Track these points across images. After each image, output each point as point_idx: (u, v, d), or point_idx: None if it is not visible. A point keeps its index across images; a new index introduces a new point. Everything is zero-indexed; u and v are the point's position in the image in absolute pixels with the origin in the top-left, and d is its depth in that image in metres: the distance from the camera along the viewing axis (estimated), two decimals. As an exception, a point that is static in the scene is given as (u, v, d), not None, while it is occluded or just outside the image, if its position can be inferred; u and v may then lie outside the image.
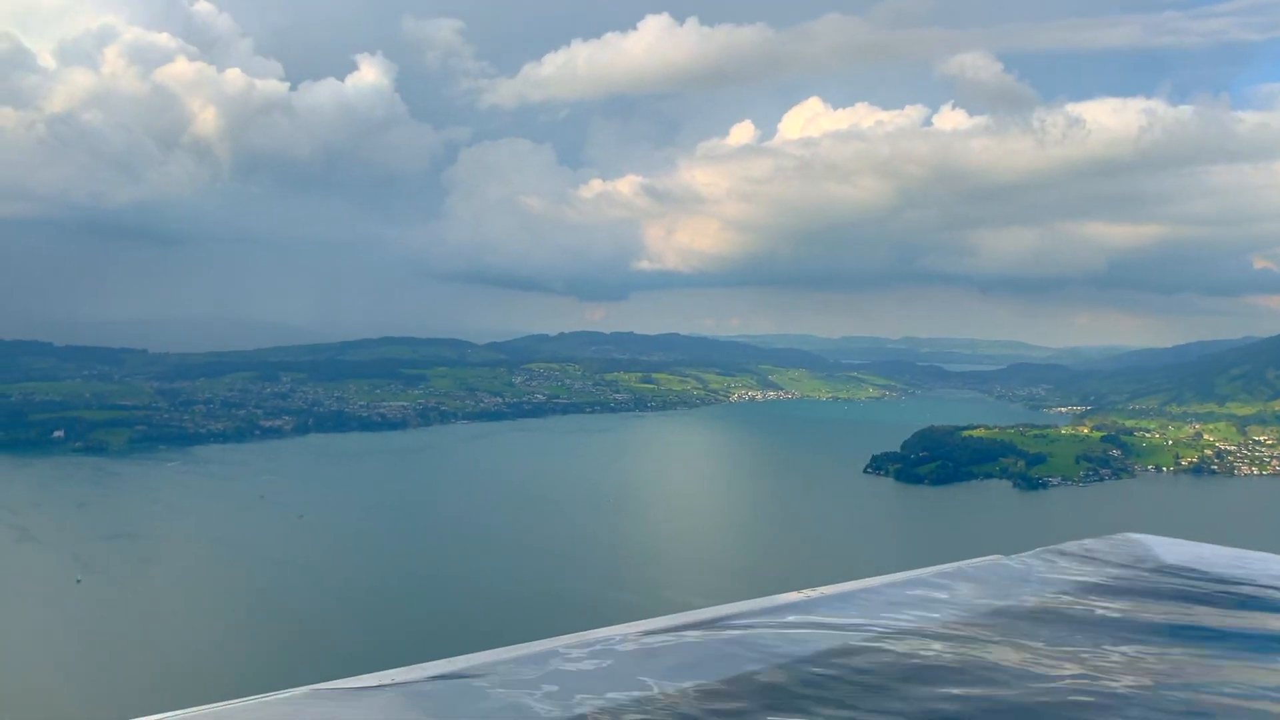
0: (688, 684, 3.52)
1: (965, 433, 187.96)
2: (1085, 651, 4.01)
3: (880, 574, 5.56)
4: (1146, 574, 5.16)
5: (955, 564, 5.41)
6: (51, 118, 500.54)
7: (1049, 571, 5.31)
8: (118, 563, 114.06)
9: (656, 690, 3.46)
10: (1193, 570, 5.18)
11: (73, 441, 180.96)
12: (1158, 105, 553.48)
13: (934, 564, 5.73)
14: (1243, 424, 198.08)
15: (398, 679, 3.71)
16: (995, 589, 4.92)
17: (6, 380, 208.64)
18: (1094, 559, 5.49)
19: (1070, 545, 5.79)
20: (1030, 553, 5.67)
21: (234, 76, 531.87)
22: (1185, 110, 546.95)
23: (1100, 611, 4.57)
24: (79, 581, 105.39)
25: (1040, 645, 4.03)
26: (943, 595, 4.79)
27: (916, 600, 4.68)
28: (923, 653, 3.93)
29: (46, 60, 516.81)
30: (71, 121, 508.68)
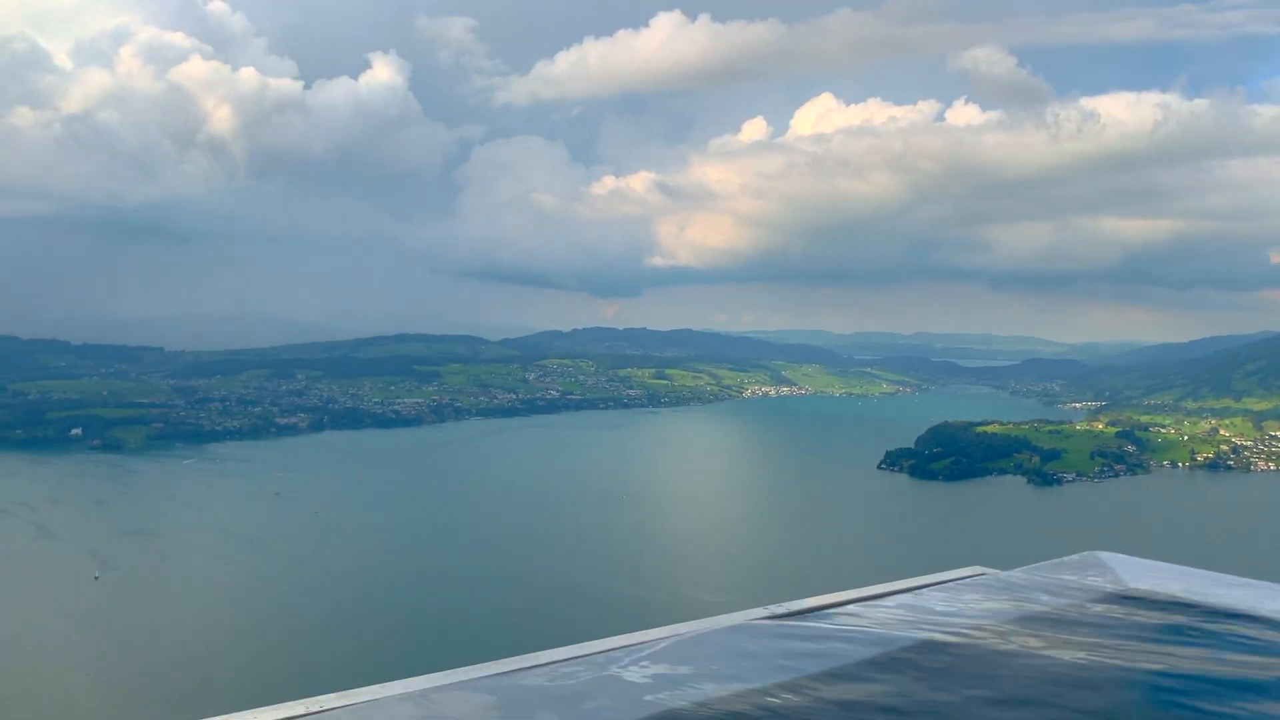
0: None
1: (979, 428, 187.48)
2: (1033, 663, 4.13)
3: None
4: (1105, 594, 5.29)
5: (919, 579, 5.63)
6: (68, 117, 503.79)
7: (1013, 588, 5.41)
8: (135, 559, 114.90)
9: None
10: (1151, 592, 5.30)
11: (90, 439, 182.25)
12: (1173, 99, 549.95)
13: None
14: (1259, 419, 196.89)
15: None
16: (955, 606, 5.05)
17: (25, 378, 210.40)
18: (1057, 578, 5.59)
19: (1040, 565, 5.87)
20: (1001, 571, 5.81)
21: (248, 75, 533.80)
22: (1201, 104, 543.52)
23: (1050, 630, 4.70)
24: (97, 578, 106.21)
25: (991, 659, 4.13)
26: (902, 610, 4.95)
27: (877, 615, 4.82)
28: (865, 661, 4.07)
29: (63, 60, 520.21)
30: (88, 121, 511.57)
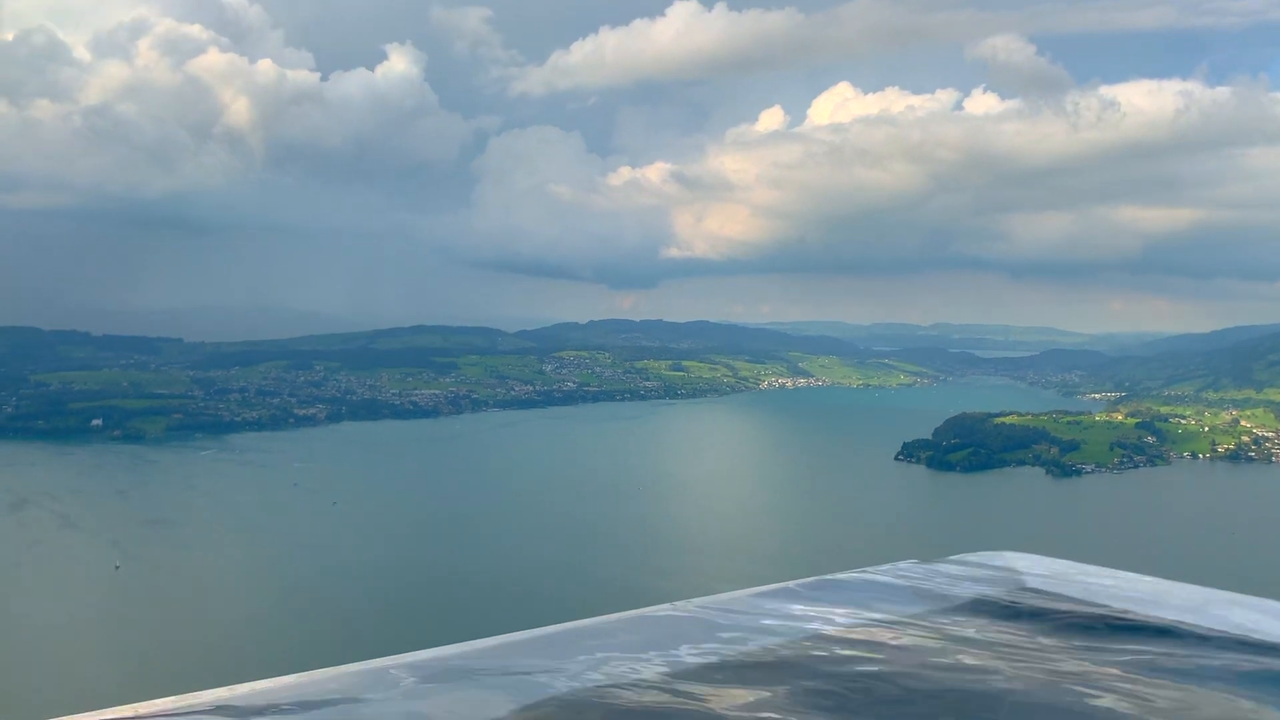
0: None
1: (998, 419, 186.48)
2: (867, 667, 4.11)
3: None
4: (995, 593, 5.23)
5: (846, 573, 5.57)
6: (87, 110, 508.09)
7: (909, 585, 5.37)
8: (156, 549, 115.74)
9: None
10: (1047, 592, 5.23)
11: (111, 430, 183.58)
12: (1194, 87, 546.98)
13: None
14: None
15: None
16: (839, 606, 4.98)
17: (46, 369, 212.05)
18: (953, 576, 5.55)
19: (943, 560, 5.86)
20: (896, 565, 5.74)
21: (265, 67, 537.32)
22: (1223, 92, 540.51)
23: (932, 633, 4.60)
24: (118, 567, 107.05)
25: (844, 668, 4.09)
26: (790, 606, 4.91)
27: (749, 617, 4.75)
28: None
29: (81, 53, 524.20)
30: (107, 113, 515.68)
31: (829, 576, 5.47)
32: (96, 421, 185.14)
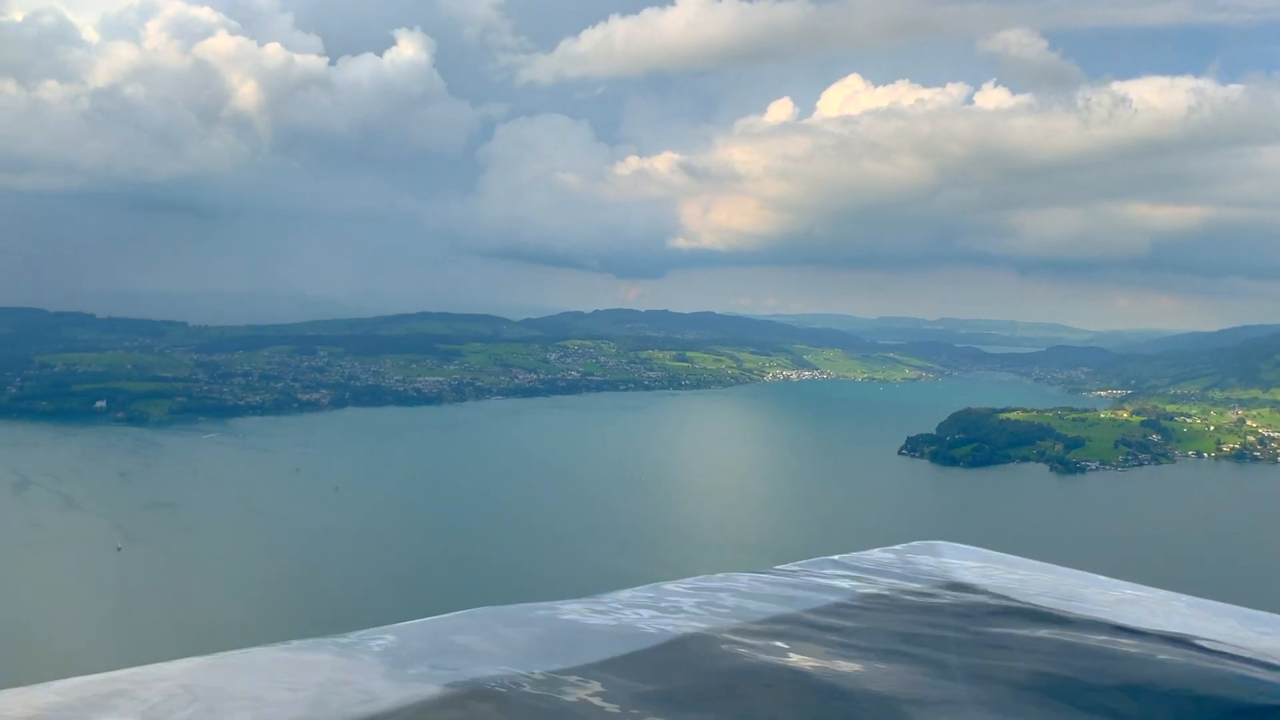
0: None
1: (1002, 415, 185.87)
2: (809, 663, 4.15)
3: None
4: (921, 585, 5.22)
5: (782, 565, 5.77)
6: (95, 92, 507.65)
7: (822, 580, 5.45)
8: (158, 531, 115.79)
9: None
10: (970, 584, 5.24)
11: (114, 412, 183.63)
12: (1207, 84, 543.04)
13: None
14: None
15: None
16: (763, 597, 5.14)
17: (51, 351, 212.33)
18: (879, 566, 5.59)
19: (869, 552, 5.91)
20: (817, 559, 5.89)
21: (274, 51, 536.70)
22: (1235, 89, 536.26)
23: (850, 624, 4.65)
24: (120, 549, 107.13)
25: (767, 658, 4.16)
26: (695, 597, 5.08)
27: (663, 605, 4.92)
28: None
29: (90, 34, 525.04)
30: (115, 95, 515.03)
31: (786, 565, 5.77)
32: (100, 403, 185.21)
